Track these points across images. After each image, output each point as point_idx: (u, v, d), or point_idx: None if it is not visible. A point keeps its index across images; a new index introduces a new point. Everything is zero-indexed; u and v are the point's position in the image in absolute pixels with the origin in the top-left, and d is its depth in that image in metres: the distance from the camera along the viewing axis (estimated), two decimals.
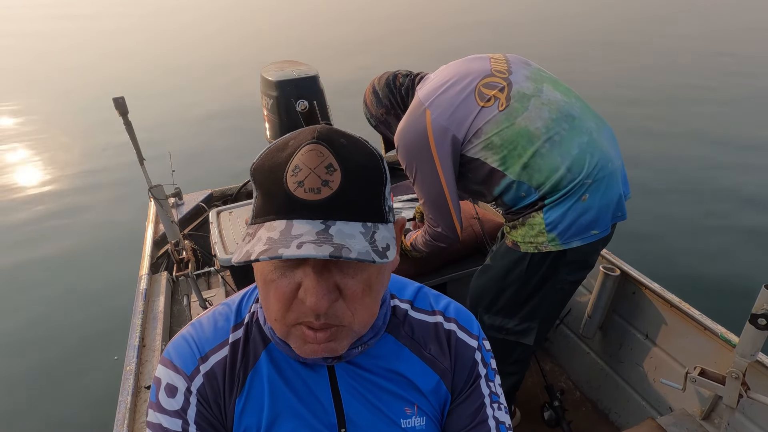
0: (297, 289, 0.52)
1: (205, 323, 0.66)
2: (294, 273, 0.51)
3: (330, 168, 0.49)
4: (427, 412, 0.67)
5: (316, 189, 0.49)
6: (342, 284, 0.52)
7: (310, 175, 0.49)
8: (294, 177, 0.49)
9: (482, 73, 1.32)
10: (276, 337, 0.62)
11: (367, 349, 0.64)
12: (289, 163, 0.50)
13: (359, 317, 0.54)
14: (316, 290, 0.50)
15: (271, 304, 0.54)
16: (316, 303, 0.50)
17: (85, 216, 4.43)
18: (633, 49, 10.61)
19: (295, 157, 0.50)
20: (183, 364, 0.63)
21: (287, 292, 0.52)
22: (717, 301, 2.93)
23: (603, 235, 1.32)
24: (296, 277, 0.51)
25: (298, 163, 0.50)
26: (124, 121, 1.75)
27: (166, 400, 0.61)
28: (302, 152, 0.50)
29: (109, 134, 6.09)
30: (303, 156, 0.50)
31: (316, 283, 0.50)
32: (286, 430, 0.62)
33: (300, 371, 0.64)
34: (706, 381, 1.32)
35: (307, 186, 0.49)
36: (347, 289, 0.52)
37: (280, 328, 0.55)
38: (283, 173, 0.50)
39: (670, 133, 5.85)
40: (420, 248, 1.61)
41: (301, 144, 0.51)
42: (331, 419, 0.63)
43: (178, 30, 16.25)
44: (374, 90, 1.54)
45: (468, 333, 0.71)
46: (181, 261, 2.03)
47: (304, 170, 0.49)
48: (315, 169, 0.49)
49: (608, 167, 1.29)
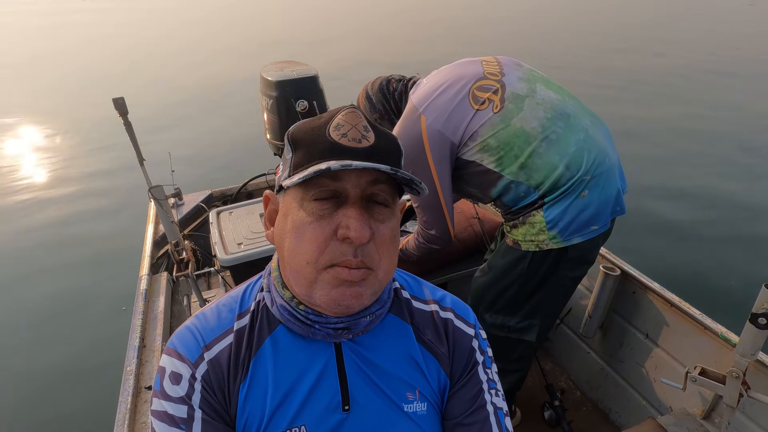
0: (333, 233, 0.56)
1: (209, 314, 0.67)
2: (332, 216, 0.57)
3: (366, 128, 0.59)
4: (428, 397, 0.68)
5: (358, 139, 0.57)
6: (374, 227, 0.58)
7: (352, 129, 0.58)
8: (337, 131, 0.57)
9: (475, 76, 1.33)
10: (286, 314, 0.63)
11: (373, 327, 0.66)
12: (330, 123, 0.58)
13: (384, 263, 0.60)
14: (359, 221, 0.55)
15: (304, 246, 0.57)
16: (360, 232, 0.55)
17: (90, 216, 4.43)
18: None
19: (336, 117, 0.59)
20: (187, 351, 0.63)
21: (326, 232, 0.56)
22: (717, 300, 2.93)
23: (603, 230, 1.32)
24: (334, 219, 0.57)
25: (340, 121, 0.58)
26: (123, 122, 1.75)
27: (171, 387, 0.61)
28: (343, 113, 0.59)
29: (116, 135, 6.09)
30: (344, 116, 0.59)
31: (360, 216, 0.56)
32: (290, 412, 0.63)
33: (306, 350, 0.64)
34: (706, 380, 1.32)
35: (350, 137, 0.57)
36: (378, 232, 0.58)
37: (311, 272, 0.58)
38: (326, 129, 0.58)
39: (670, 132, 5.85)
40: (411, 252, 1.61)
41: (339, 110, 0.60)
42: (336, 398, 0.64)
43: (176, 30, 16.25)
44: (367, 95, 1.54)
45: (465, 321, 0.73)
46: (181, 261, 2.02)
47: (346, 126, 0.58)
48: (356, 125, 0.58)
49: (606, 163, 1.30)
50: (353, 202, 0.57)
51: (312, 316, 0.62)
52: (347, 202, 0.57)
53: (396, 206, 0.63)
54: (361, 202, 0.57)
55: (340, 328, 0.63)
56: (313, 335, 0.63)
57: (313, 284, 0.58)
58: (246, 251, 1.65)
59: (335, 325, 0.62)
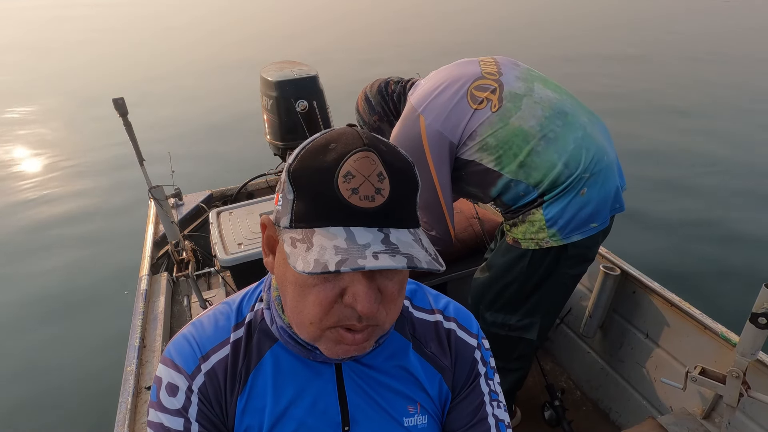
0: (339, 295, 0.52)
1: (206, 322, 0.66)
2: (338, 279, 0.52)
3: (381, 176, 0.50)
4: (429, 410, 0.67)
5: (370, 197, 0.49)
6: (382, 287, 0.53)
7: (365, 183, 0.49)
8: (347, 184, 0.49)
9: (473, 76, 1.33)
10: (285, 336, 0.62)
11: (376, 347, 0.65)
12: (339, 169, 0.49)
13: (390, 316, 0.56)
14: (367, 296, 0.51)
15: (307, 308, 0.54)
16: (368, 308, 0.51)
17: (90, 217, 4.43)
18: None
19: (345, 162, 0.49)
20: (184, 363, 0.62)
21: (330, 296, 0.52)
22: (717, 300, 2.93)
23: (602, 227, 1.33)
24: (341, 282, 0.52)
25: (350, 170, 0.49)
26: (123, 122, 1.75)
27: (168, 399, 0.61)
28: (354, 158, 0.50)
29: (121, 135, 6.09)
30: (355, 162, 0.49)
31: (367, 289, 0.51)
32: (290, 428, 0.62)
33: (306, 370, 0.64)
34: (706, 380, 1.32)
35: (362, 194, 0.49)
36: (386, 291, 0.54)
37: (314, 331, 0.55)
38: (333, 178, 0.49)
39: (671, 133, 5.85)
40: None
41: (349, 149, 0.50)
42: (336, 418, 0.64)
43: (177, 30, 16.24)
44: (366, 97, 1.55)
45: (467, 332, 0.71)
46: (181, 261, 2.03)
47: (358, 177, 0.49)
48: (369, 177, 0.49)
49: (604, 160, 1.30)
50: (361, 275, 0.52)
51: (312, 345, 0.61)
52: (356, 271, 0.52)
53: None
54: (370, 272, 0.52)
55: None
56: (314, 358, 0.63)
57: (317, 340, 0.57)
58: (246, 251, 1.65)
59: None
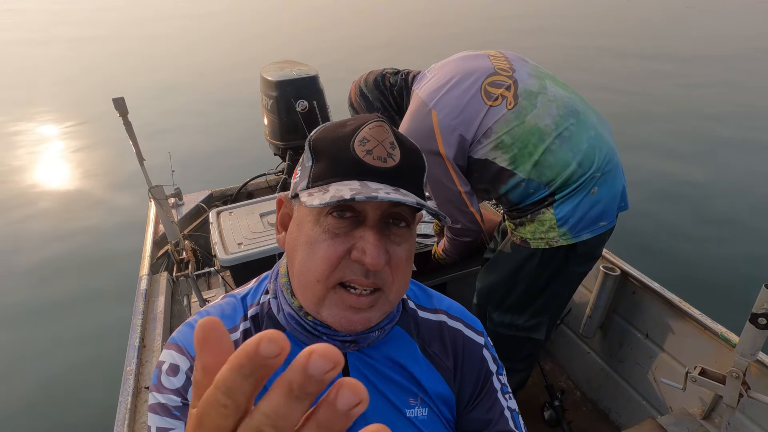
0: (347, 252, 0.55)
1: (213, 312, 0.67)
2: (347, 236, 0.55)
3: (392, 144, 0.56)
4: (428, 404, 0.68)
5: (383, 158, 0.55)
6: (390, 250, 0.56)
7: (378, 146, 0.55)
8: (362, 146, 0.55)
9: (486, 71, 1.31)
10: (293, 323, 0.62)
11: (379, 340, 0.65)
12: (355, 135, 0.55)
13: (397, 285, 0.58)
14: (377, 247, 0.53)
15: (315, 264, 0.56)
16: (376, 258, 0.53)
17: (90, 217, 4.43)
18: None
19: (361, 130, 0.55)
20: (188, 344, 0.62)
21: (339, 251, 0.55)
22: (717, 300, 2.92)
23: (610, 226, 1.33)
24: (350, 238, 0.55)
25: (366, 135, 0.55)
26: (123, 122, 1.75)
27: (167, 378, 0.60)
28: (370, 126, 0.56)
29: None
30: (371, 130, 0.55)
31: (377, 241, 0.54)
32: None
33: None
34: (706, 380, 1.32)
35: (376, 155, 0.54)
36: (394, 254, 0.57)
37: (320, 290, 0.56)
38: (350, 143, 0.55)
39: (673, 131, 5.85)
40: (450, 251, 1.61)
41: (365, 121, 0.56)
42: None
43: (176, 30, 16.24)
44: (362, 93, 1.50)
45: (474, 331, 0.73)
46: (181, 261, 2.03)
47: (372, 141, 0.55)
48: (382, 142, 0.55)
49: (614, 159, 1.31)
50: (372, 225, 0.55)
51: (320, 328, 0.61)
52: (365, 223, 0.55)
53: (415, 224, 0.61)
54: (380, 224, 0.55)
55: (348, 341, 0.62)
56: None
57: (322, 302, 0.57)
58: (246, 251, 1.65)
59: (343, 337, 0.62)
